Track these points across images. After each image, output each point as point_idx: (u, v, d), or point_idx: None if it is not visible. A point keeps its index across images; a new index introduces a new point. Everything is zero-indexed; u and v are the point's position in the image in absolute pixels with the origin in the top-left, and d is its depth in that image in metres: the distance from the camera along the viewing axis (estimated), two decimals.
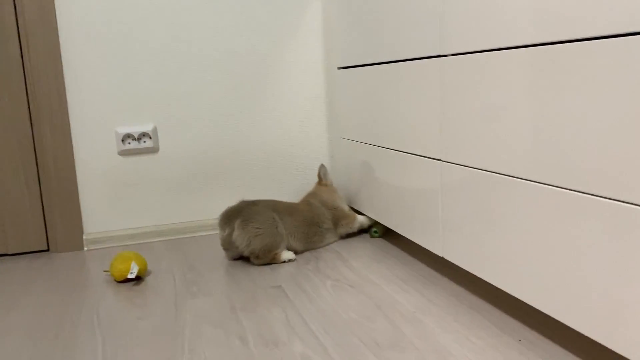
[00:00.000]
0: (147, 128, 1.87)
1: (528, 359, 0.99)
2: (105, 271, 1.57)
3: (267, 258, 1.58)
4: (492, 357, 1.01)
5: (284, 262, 1.59)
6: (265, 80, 1.96)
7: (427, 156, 1.34)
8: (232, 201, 1.74)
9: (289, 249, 1.62)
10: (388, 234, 1.82)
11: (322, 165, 1.84)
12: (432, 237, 1.36)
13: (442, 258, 1.56)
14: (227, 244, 1.60)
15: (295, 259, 1.62)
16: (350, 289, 1.37)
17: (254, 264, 1.59)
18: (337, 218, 1.74)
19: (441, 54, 1.24)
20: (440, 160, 1.29)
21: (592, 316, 0.88)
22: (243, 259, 1.64)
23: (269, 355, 1.06)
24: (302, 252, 1.67)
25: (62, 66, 1.77)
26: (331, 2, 1.89)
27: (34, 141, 1.81)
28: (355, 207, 1.84)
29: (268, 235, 1.55)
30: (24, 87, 1.78)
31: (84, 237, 1.87)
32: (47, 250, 1.88)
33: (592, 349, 1.02)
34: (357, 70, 1.72)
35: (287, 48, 1.97)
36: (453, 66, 1.19)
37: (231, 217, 1.58)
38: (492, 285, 1.34)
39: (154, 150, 1.89)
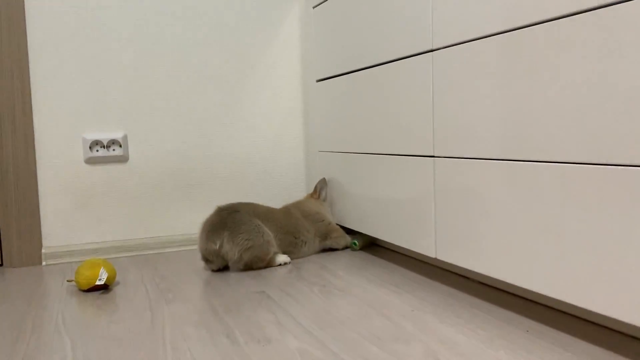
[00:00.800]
0: (117, 135, 1.78)
1: (539, 347, 0.94)
2: (68, 280, 1.44)
3: (261, 265, 1.52)
4: (501, 346, 0.95)
5: (280, 265, 1.56)
6: (240, 92, 1.92)
7: (419, 154, 1.31)
8: (202, 215, 1.65)
9: None
10: (367, 248, 1.77)
11: (322, 180, 1.77)
12: (424, 239, 1.31)
13: (431, 265, 1.51)
14: (212, 256, 1.51)
15: (290, 262, 1.58)
16: (339, 292, 1.30)
17: (234, 271, 1.50)
18: (328, 231, 1.69)
19: (433, 48, 1.23)
20: (432, 156, 1.27)
21: (595, 290, 0.84)
22: (224, 269, 1.55)
23: (262, 351, 0.97)
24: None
25: (28, 65, 1.68)
26: (309, 15, 1.88)
27: None
28: (336, 222, 1.78)
29: (257, 245, 1.50)
30: None
31: (43, 250, 1.72)
32: (0, 265, 1.72)
33: (601, 336, 0.98)
34: (337, 80, 1.70)
35: (263, 61, 1.94)
36: (444, 58, 1.19)
37: (217, 229, 1.50)
38: (488, 285, 1.30)
39: (123, 159, 1.79)
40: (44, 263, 1.72)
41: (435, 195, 1.26)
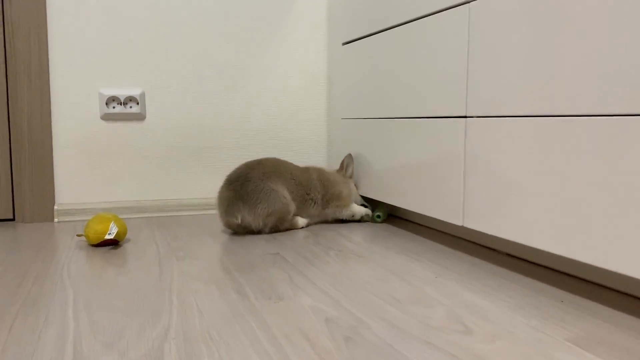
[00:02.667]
0: (135, 92, 1.72)
1: (576, 318, 0.87)
2: (78, 235, 1.40)
3: (285, 226, 1.52)
4: (532, 315, 0.88)
5: (302, 227, 1.56)
6: (261, 55, 1.85)
7: (451, 115, 1.23)
8: (218, 180, 1.60)
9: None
10: (390, 221, 1.69)
11: (348, 155, 1.68)
12: (451, 206, 1.24)
13: (453, 236, 1.44)
14: (236, 228, 1.49)
15: (308, 223, 1.59)
16: (356, 257, 1.23)
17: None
18: (332, 198, 1.60)
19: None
20: (465, 117, 1.18)
21: (625, 250, 0.76)
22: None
23: (274, 308, 0.91)
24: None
25: (46, 16, 1.63)
26: None
27: (7, 96, 1.65)
28: (359, 192, 1.70)
29: (278, 209, 1.48)
30: (2, 34, 1.62)
31: (55, 207, 1.69)
32: (13, 219, 1.69)
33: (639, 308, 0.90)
34: (365, 41, 1.62)
35: (286, 21, 1.86)
36: (481, 9, 1.10)
37: (234, 204, 1.46)
38: (516, 257, 1.22)
39: (140, 117, 1.74)
40: (56, 220, 1.69)
41: (465, 159, 1.18)
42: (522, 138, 1.01)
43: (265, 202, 1.45)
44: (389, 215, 1.71)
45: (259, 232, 1.48)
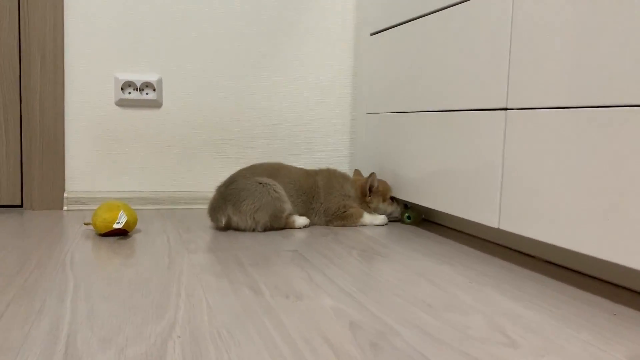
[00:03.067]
0: (152, 78, 1.65)
1: (633, 332, 0.76)
2: (86, 223, 1.33)
3: (280, 224, 1.37)
4: (582, 326, 0.77)
5: (300, 228, 1.40)
6: (285, 43, 1.76)
7: (489, 108, 1.13)
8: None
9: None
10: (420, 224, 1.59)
11: (373, 176, 1.50)
12: (486, 207, 1.14)
13: (487, 241, 1.33)
14: (229, 227, 1.38)
15: (309, 225, 1.43)
16: (381, 258, 1.14)
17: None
18: (333, 214, 1.45)
19: None
20: (505, 109, 1.09)
21: None
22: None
23: (292, 307, 0.82)
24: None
25: None
26: None
27: (20, 77, 1.58)
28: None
29: (266, 203, 1.34)
30: (17, 11, 1.56)
31: (65, 195, 1.62)
32: (21, 206, 1.63)
33: None
34: (394, 31, 1.53)
35: (314, 12, 1.78)
36: None
37: (218, 206, 1.36)
38: (556, 264, 1.11)
39: (156, 104, 1.67)
40: (65, 208, 1.62)
41: (504, 155, 1.08)
42: (568, 131, 0.91)
43: (251, 198, 1.33)
44: (423, 220, 1.59)
45: (253, 230, 1.35)
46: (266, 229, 1.36)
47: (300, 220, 1.40)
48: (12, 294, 0.85)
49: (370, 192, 1.49)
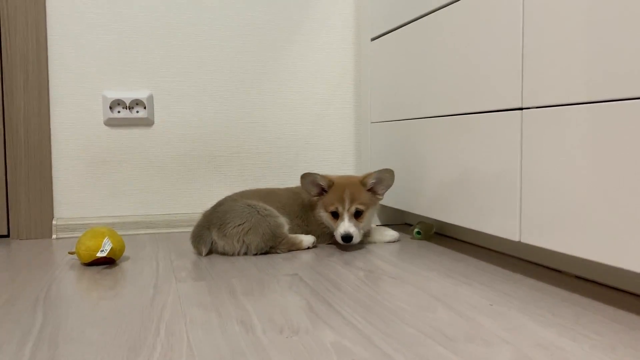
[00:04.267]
0: (142, 95, 1.56)
1: None
2: (70, 252, 1.22)
3: (283, 246, 1.25)
4: (630, 357, 0.65)
5: (309, 248, 1.28)
6: (283, 54, 1.66)
7: (503, 108, 1.02)
8: (233, 192, 1.39)
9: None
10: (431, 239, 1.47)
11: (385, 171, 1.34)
12: (505, 218, 1.02)
13: (507, 255, 1.21)
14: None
15: (316, 245, 1.30)
16: (391, 280, 1.02)
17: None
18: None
19: None
20: (521, 109, 0.97)
21: None
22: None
23: (285, 344, 0.70)
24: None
25: (45, 11, 1.48)
26: None
27: (2, 99, 1.50)
28: (392, 205, 1.49)
29: (256, 223, 1.21)
30: None
31: (54, 222, 1.52)
32: (7, 236, 1.53)
33: None
34: (396, 34, 1.42)
35: (312, 23, 1.68)
36: None
37: (201, 233, 1.25)
38: (589, 280, 0.98)
39: (147, 122, 1.57)
40: (54, 236, 1.52)
41: (522, 159, 0.96)
42: (595, 130, 0.79)
43: (238, 219, 1.21)
44: (435, 234, 1.47)
45: (245, 254, 1.23)
46: (261, 251, 1.23)
47: (307, 240, 1.27)
48: None
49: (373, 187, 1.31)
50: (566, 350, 0.67)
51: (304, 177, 1.29)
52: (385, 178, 1.30)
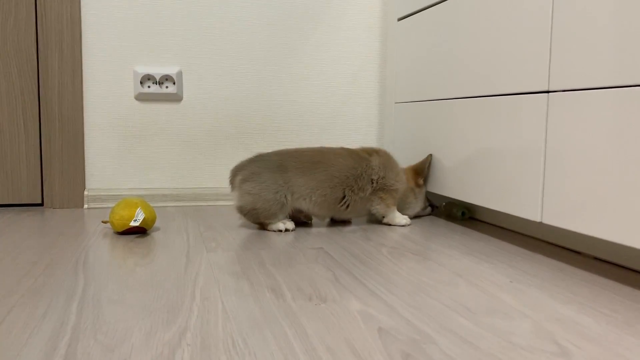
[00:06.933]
0: (172, 71, 1.59)
1: None
2: (103, 221, 1.27)
3: (253, 220, 1.28)
4: None
5: (276, 231, 1.26)
6: (309, 33, 1.68)
7: (530, 91, 1.03)
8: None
9: (308, 213, 1.31)
10: (452, 219, 1.50)
11: (430, 155, 1.41)
12: (528, 199, 1.04)
13: (529, 237, 1.23)
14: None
15: (293, 230, 1.27)
16: (413, 256, 1.05)
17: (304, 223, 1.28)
18: (381, 196, 1.33)
19: None
20: (547, 92, 0.99)
21: None
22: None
23: (315, 311, 0.74)
24: (324, 218, 1.36)
25: None
26: None
27: (38, 72, 1.55)
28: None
29: (260, 199, 1.24)
30: (33, 5, 1.52)
31: (86, 193, 1.58)
32: (41, 204, 1.59)
33: None
34: (423, 14, 1.43)
35: (339, 0, 1.69)
36: None
37: (234, 174, 1.31)
38: (608, 262, 1.01)
39: (177, 98, 1.61)
40: (85, 206, 1.58)
41: (547, 142, 0.98)
42: (621, 114, 0.81)
43: (255, 184, 1.25)
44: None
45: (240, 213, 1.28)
46: (238, 211, 1.28)
47: (276, 225, 1.26)
48: (17, 297, 0.79)
49: (422, 173, 1.42)
50: (584, 325, 0.70)
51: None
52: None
